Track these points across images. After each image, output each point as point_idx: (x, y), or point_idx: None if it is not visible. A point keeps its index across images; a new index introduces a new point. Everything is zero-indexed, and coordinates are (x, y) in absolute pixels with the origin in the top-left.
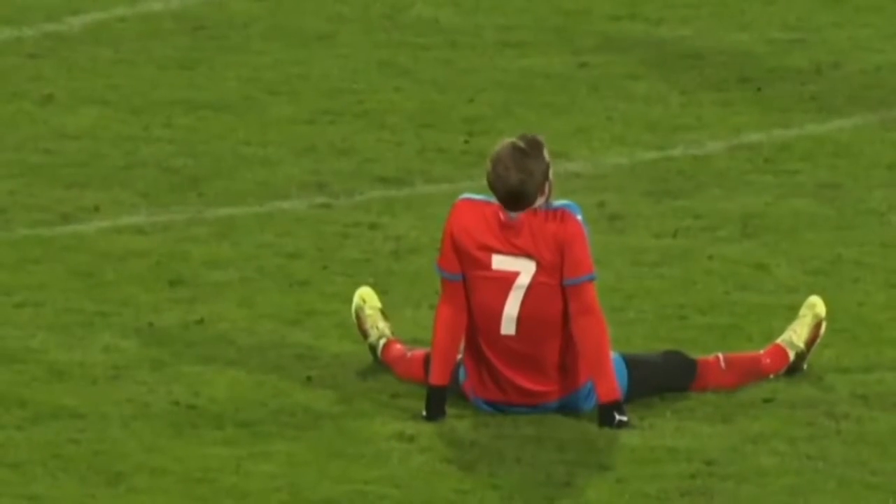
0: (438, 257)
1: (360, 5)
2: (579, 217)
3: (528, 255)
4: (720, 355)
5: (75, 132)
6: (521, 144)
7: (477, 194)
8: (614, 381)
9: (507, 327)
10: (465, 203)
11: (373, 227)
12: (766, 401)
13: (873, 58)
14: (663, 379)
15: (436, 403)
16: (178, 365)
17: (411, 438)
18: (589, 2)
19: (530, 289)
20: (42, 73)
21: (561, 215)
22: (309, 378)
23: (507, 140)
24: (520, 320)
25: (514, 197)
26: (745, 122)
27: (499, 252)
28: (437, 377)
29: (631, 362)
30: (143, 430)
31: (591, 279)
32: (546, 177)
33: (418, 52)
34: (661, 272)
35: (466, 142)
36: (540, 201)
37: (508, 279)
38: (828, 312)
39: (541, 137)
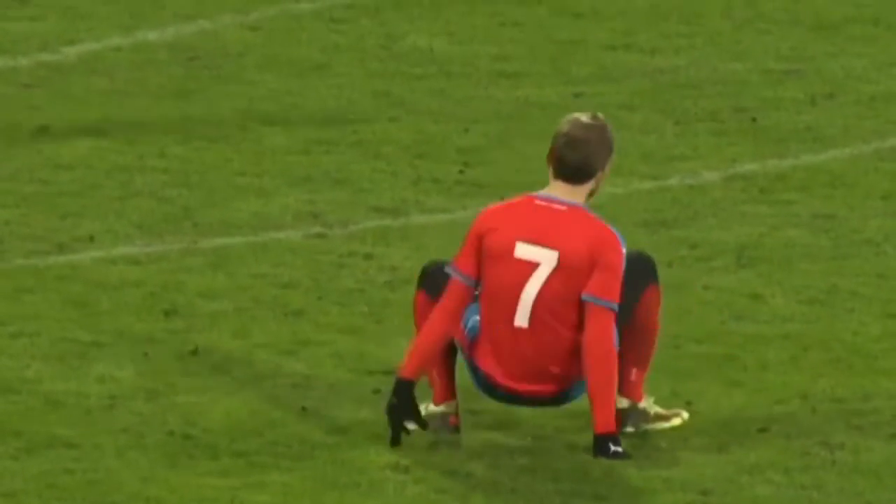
0: (454, 259)
1: (354, 35)
2: (624, 250)
3: (554, 248)
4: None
5: (70, 162)
6: (601, 117)
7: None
8: (613, 414)
9: (521, 318)
10: (492, 207)
11: (368, 257)
12: (762, 430)
13: (868, 88)
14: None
15: (402, 399)
16: (172, 395)
17: (406, 469)
18: (583, 31)
19: (548, 281)
20: (37, 103)
21: (610, 237)
22: (304, 408)
23: (583, 113)
24: (533, 314)
25: (584, 161)
26: (740, 152)
27: (524, 240)
28: (409, 371)
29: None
30: (137, 460)
31: (614, 310)
32: (609, 159)
33: (413, 81)
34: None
35: (461, 172)
36: (591, 186)
37: (528, 268)
38: (823, 342)
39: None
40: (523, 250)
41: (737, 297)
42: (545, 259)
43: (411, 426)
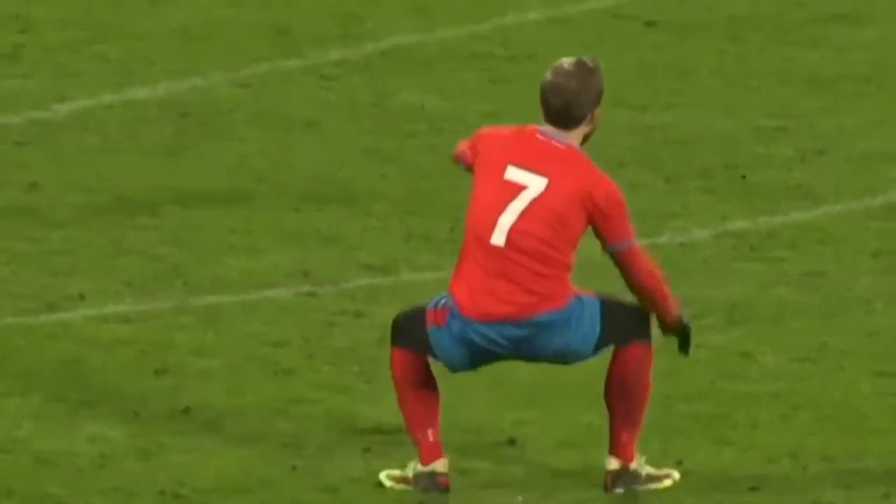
0: (458, 146)
1: (345, 92)
2: (617, 188)
3: (544, 175)
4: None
5: (61, 220)
6: (585, 59)
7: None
8: (676, 308)
9: (497, 237)
10: (496, 130)
11: (358, 315)
12: (752, 489)
13: (858, 145)
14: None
15: None
16: (163, 454)
17: None
18: None
19: (531, 206)
20: (28, 160)
21: (602, 180)
22: (295, 467)
23: (569, 57)
24: (510, 234)
25: (568, 106)
26: (730, 209)
27: (516, 164)
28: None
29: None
30: None
31: (633, 246)
32: (598, 102)
33: (404, 138)
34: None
35: (452, 229)
36: (584, 129)
37: (514, 189)
38: (813, 401)
39: (600, 64)
40: (513, 173)
41: (727, 355)
42: (533, 184)
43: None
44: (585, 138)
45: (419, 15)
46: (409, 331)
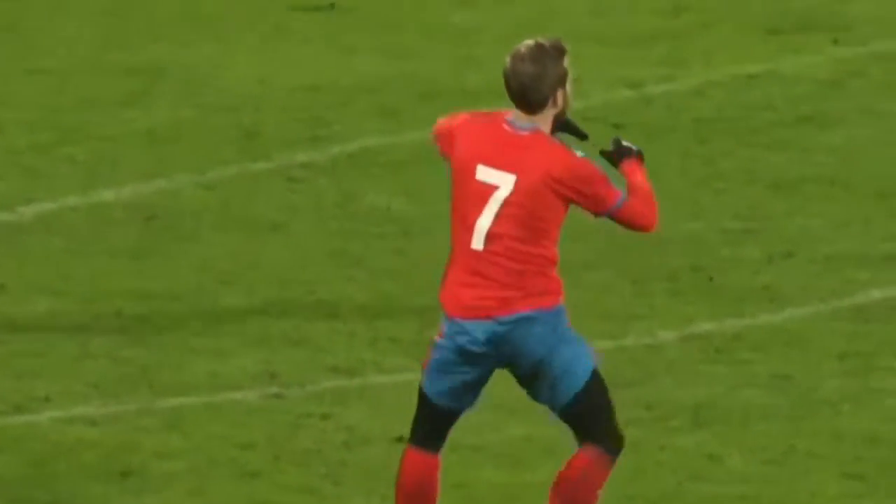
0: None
1: (312, 194)
2: (583, 154)
3: (512, 172)
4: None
5: (27, 322)
6: (544, 41)
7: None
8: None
9: (476, 241)
10: (469, 117)
11: (325, 417)
12: None
13: (824, 248)
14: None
15: None
16: None
17: None
18: None
19: (503, 207)
20: None
21: (570, 161)
22: None
23: (530, 40)
24: (487, 237)
25: (525, 91)
26: (697, 311)
27: (486, 163)
28: None
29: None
30: None
31: (619, 206)
32: (561, 84)
33: (371, 241)
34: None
35: (419, 332)
36: (551, 112)
37: (487, 191)
38: (780, 503)
39: (564, 46)
40: (484, 173)
41: (693, 457)
42: (503, 183)
43: None
44: (556, 120)
45: (386, 117)
46: (416, 421)
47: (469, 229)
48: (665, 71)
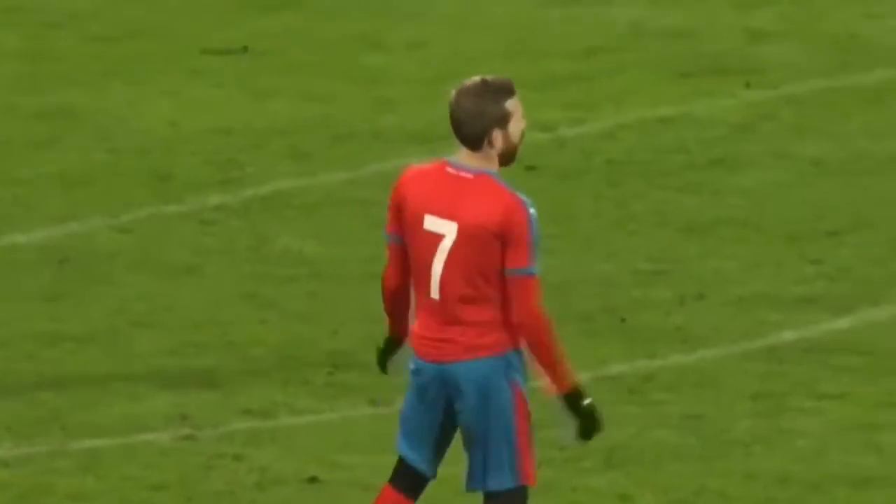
0: (386, 226)
1: (225, 237)
2: (532, 211)
3: (453, 220)
4: None
5: None
6: (489, 80)
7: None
8: (566, 375)
9: (434, 290)
10: (408, 173)
11: (237, 458)
12: None
13: (736, 289)
14: None
15: (388, 349)
16: None
17: None
18: None
19: (449, 255)
20: None
21: (512, 203)
22: None
23: (478, 76)
24: (441, 286)
25: (461, 126)
26: (609, 352)
27: (431, 213)
28: (391, 330)
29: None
30: None
31: (530, 273)
32: (499, 124)
33: (283, 283)
34: None
35: (330, 374)
36: (491, 151)
37: (436, 240)
38: None
39: (509, 83)
40: (430, 222)
41: (605, 498)
42: (448, 231)
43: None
44: (504, 160)
45: (299, 160)
46: (402, 472)
47: (426, 278)
48: (578, 114)
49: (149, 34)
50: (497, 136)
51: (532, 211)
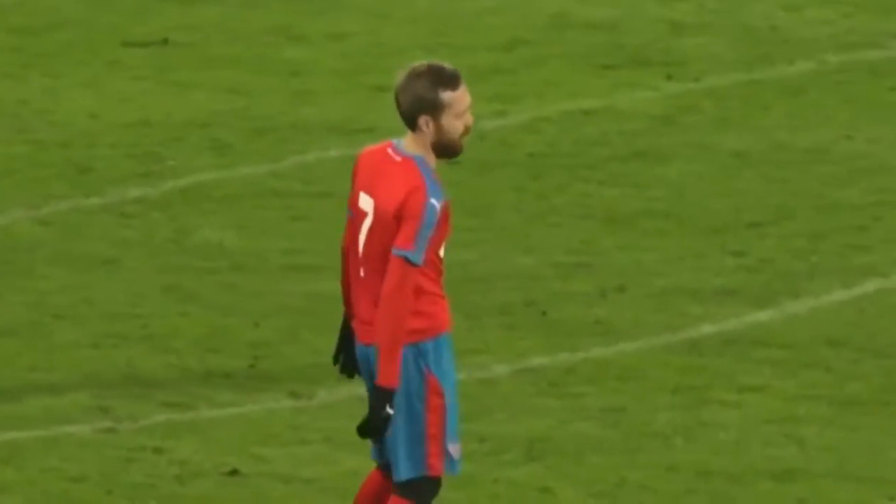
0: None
1: (144, 230)
2: (433, 200)
3: (373, 197)
4: None
5: None
6: (434, 65)
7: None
8: (393, 369)
9: (362, 268)
10: (367, 147)
11: (157, 451)
12: None
13: (658, 281)
14: None
15: (340, 335)
16: None
17: None
18: None
19: (368, 233)
20: None
21: (416, 188)
22: None
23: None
24: (364, 261)
25: (396, 102)
26: (530, 345)
27: (363, 190)
28: (345, 311)
29: None
30: None
31: (406, 258)
32: (428, 111)
33: (203, 275)
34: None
35: (251, 366)
36: (423, 137)
37: (362, 218)
38: None
39: (451, 75)
40: (362, 199)
41: (526, 490)
42: (370, 210)
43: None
44: (438, 150)
45: (220, 152)
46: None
47: (356, 256)
48: (499, 106)
49: (69, 26)
50: (426, 123)
51: (433, 200)
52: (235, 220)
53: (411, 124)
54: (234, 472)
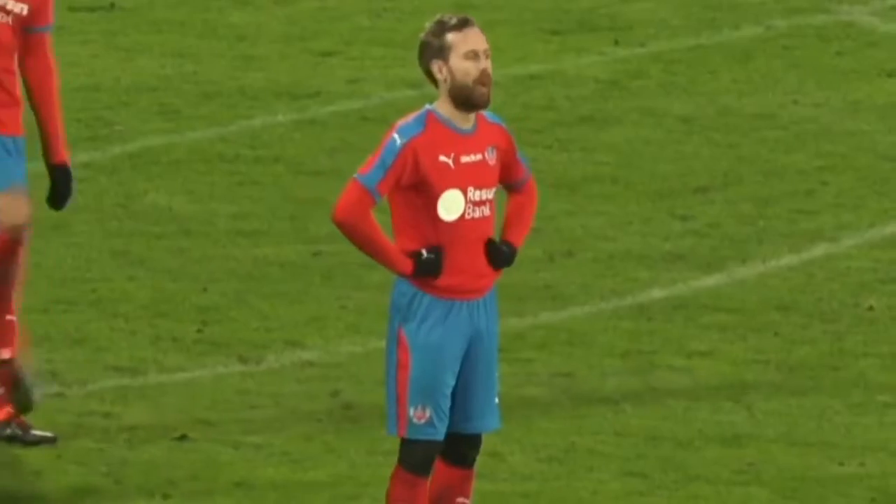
0: None
1: (92, 194)
2: (395, 135)
3: None
4: None
5: None
6: (442, 16)
7: None
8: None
9: None
10: None
11: (106, 416)
12: None
13: (606, 246)
14: None
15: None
16: None
17: None
18: (323, 191)
19: None
20: None
21: (395, 125)
22: None
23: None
24: None
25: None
26: None
27: None
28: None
29: None
30: None
31: (358, 180)
32: (437, 56)
33: (152, 240)
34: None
35: (200, 331)
36: (441, 87)
37: None
38: (562, 501)
39: (458, 19)
40: None
41: None
42: None
43: None
44: (456, 99)
45: (168, 117)
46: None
47: None
48: None
49: None
50: (439, 69)
51: (396, 136)
52: (183, 184)
53: (430, 76)
54: (183, 438)
